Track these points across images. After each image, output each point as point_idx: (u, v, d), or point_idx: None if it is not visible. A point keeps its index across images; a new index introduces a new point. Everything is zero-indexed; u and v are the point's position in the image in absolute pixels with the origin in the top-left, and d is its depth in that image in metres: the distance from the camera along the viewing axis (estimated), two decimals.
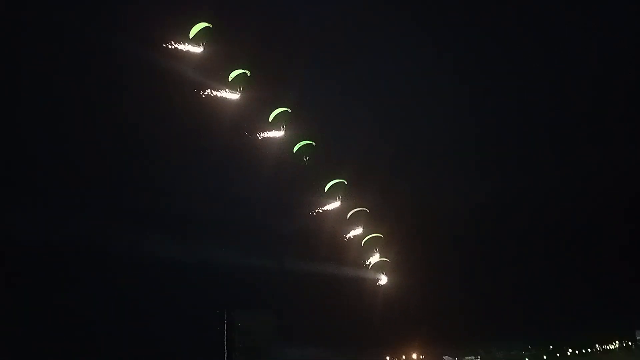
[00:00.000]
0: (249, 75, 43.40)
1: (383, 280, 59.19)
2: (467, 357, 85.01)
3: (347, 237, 55.12)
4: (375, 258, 56.38)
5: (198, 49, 41.13)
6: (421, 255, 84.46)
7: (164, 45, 41.45)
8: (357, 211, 53.75)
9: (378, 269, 58.15)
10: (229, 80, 43.83)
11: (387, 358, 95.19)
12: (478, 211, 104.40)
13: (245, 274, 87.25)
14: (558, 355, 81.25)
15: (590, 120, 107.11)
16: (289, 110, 46.87)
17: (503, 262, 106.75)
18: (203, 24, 39.98)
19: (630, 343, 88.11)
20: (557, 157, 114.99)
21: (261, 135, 48.09)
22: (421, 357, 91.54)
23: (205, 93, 44.68)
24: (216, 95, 44.55)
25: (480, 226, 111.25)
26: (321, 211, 55.15)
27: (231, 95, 44.71)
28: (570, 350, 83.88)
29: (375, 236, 54.83)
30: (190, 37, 40.49)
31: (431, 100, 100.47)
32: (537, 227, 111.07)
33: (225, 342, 70.78)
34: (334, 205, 53.77)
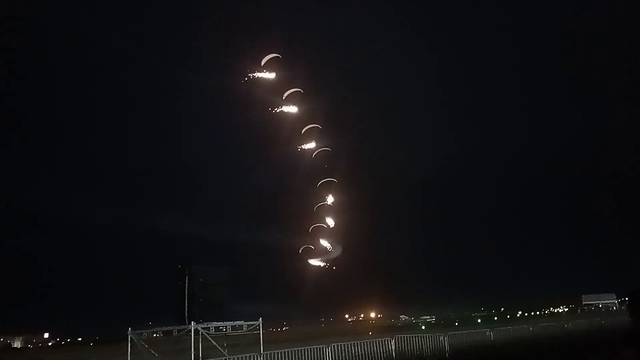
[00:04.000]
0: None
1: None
2: (422, 317, 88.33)
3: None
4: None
5: (270, 75, 45.15)
6: (380, 220, 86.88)
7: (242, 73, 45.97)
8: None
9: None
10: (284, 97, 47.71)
11: (347, 316, 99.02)
12: (436, 176, 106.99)
13: (207, 234, 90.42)
14: (508, 317, 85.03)
15: (562, 78, 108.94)
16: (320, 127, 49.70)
17: (458, 228, 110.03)
18: (273, 54, 44.07)
19: (578, 307, 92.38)
20: (526, 117, 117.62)
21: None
22: (379, 316, 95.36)
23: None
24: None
25: (437, 193, 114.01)
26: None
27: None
28: (520, 312, 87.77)
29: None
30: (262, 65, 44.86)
31: (400, 55, 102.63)
32: (495, 194, 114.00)
33: (187, 296, 72.17)
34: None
